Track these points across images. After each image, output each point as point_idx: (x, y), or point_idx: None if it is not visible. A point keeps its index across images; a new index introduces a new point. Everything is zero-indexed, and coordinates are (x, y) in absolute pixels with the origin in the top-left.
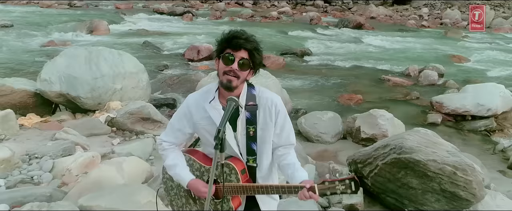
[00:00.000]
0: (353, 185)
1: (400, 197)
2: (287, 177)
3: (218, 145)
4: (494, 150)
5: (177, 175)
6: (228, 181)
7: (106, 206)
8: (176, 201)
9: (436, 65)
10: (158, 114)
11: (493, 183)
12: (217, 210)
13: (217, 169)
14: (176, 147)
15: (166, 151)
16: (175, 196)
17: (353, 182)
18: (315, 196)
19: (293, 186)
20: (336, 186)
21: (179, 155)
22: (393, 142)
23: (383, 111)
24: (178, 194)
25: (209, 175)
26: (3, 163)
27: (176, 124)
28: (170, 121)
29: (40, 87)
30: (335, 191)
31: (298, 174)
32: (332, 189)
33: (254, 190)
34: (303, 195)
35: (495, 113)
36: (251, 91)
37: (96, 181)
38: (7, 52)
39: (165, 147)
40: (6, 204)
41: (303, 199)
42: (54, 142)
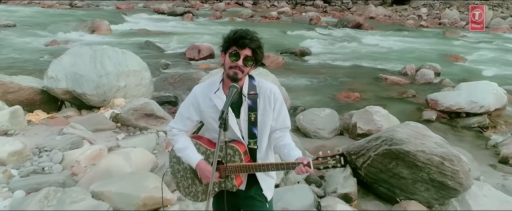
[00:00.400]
0: (342, 160)
1: (391, 187)
2: (284, 156)
3: (222, 124)
4: (486, 146)
5: (187, 156)
6: (232, 161)
7: (117, 191)
8: (183, 182)
9: (432, 64)
10: (161, 111)
11: (483, 176)
12: (222, 188)
13: (222, 151)
14: (185, 133)
15: (175, 136)
16: (181, 178)
17: (342, 157)
18: (310, 170)
19: (291, 163)
20: (328, 161)
21: (188, 140)
22: (385, 134)
23: (378, 107)
24: (184, 176)
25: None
26: (15, 155)
27: (185, 113)
28: (179, 109)
29: (47, 84)
30: (327, 165)
31: (294, 153)
32: (325, 164)
33: (256, 168)
34: (300, 170)
35: (487, 110)
36: (252, 82)
37: (106, 169)
38: (11, 51)
39: (175, 133)
40: (23, 190)
41: (300, 173)
42: (62, 136)
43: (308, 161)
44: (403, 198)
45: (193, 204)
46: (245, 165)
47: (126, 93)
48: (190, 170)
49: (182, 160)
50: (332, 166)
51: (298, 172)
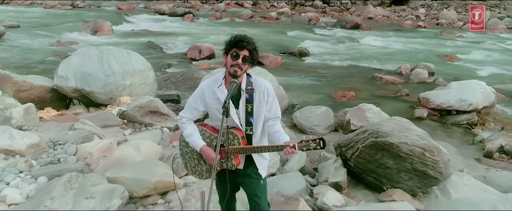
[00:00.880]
0: (321, 143)
1: (378, 176)
2: (275, 140)
3: (224, 112)
4: (473, 141)
5: (193, 141)
6: (232, 145)
7: (130, 176)
8: (190, 162)
9: (427, 64)
10: (165, 108)
11: (466, 168)
12: (223, 167)
13: (224, 136)
14: (192, 121)
15: (184, 124)
16: (189, 159)
17: (321, 140)
18: (295, 151)
19: (280, 145)
20: (310, 143)
21: (194, 128)
22: (371, 128)
23: (370, 105)
24: (191, 157)
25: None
26: (33, 147)
27: (193, 104)
28: (188, 101)
29: (57, 83)
30: (309, 147)
31: (283, 138)
32: (307, 146)
33: (252, 150)
34: (287, 151)
35: (476, 108)
36: (249, 79)
37: (118, 159)
38: (18, 52)
39: (184, 121)
40: (45, 176)
41: (287, 154)
42: (74, 131)
43: (294, 144)
44: (389, 186)
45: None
46: (242, 147)
47: (132, 91)
48: (196, 152)
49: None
50: (313, 148)
51: (286, 152)
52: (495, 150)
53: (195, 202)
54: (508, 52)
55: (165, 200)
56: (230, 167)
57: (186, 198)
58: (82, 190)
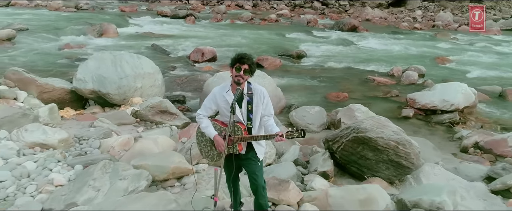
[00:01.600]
0: (302, 133)
1: (360, 167)
2: (268, 131)
3: (232, 110)
4: (453, 138)
5: (208, 132)
6: (237, 135)
7: (152, 163)
8: (204, 148)
9: (418, 66)
10: (173, 108)
11: (442, 161)
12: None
13: (231, 128)
14: (206, 117)
15: (202, 119)
16: (204, 146)
17: (302, 131)
18: (283, 138)
19: (272, 135)
20: (293, 133)
21: (208, 122)
22: (354, 125)
23: (359, 105)
24: (206, 144)
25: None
26: (63, 142)
27: (207, 104)
28: (204, 102)
29: (76, 85)
30: (293, 136)
31: (274, 129)
32: (291, 135)
33: (252, 139)
34: (277, 139)
35: (457, 108)
36: (249, 86)
37: (140, 150)
38: (29, 55)
39: (201, 117)
40: (80, 164)
41: (278, 141)
42: (95, 128)
43: (282, 133)
44: (369, 175)
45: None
46: (245, 136)
47: (142, 92)
48: (209, 141)
49: (205, 134)
50: (296, 136)
51: (276, 140)
52: (470, 146)
53: (205, 185)
54: (499, 54)
55: (181, 183)
56: (235, 152)
57: (198, 181)
58: (115, 174)
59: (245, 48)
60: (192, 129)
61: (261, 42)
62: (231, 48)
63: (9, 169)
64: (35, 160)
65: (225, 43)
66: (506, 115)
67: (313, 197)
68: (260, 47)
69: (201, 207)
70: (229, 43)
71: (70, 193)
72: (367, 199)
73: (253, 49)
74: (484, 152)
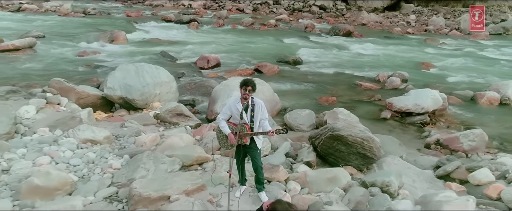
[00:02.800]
0: (285, 130)
1: (336, 158)
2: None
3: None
4: (420, 137)
5: (224, 130)
6: (243, 131)
7: (181, 153)
8: (222, 141)
9: (402, 72)
10: (187, 111)
11: (405, 155)
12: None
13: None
14: (224, 120)
15: (221, 121)
16: (221, 139)
17: (286, 129)
18: (273, 134)
19: (266, 131)
20: (280, 130)
21: (225, 123)
22: (330, 125)
23: (342, 109)
24: (223, 138)
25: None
26: (106, 139)
27: (225, 111)
28: (222, 110)
29: (106, 92)
30: (279, 132)
31: (268, 128)
32: (278, 131)
33: (253, 134)
34: (269, 134)
35: (427, 111)
36: (252, 99)
37: (170, 144)
38: (51, 62)
39: (221, 119)
40: (127, 155)
41: (270, 136)
42: (127, 128)
43: (273, 130)
44: (343, 164)
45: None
46: (249, 133)
47: (160, 98)
48: (225, 136)
49: (222, 131)
50: (281, 132)
51: (269, 135)
52: (432, 143)
53: (219, 169)
54: (481, 60)
55: (202, 167)
56: (242, 143)
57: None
58: (157, 160)
59: (246, 54)
60: (204, 129)
61: (261, 48)
62: (234, 54)
63: (79, 157)
64: (94, 151)
65: (228, 49)
66: (472, 116)
67: (296, 176)
68: (260, 54)
69: (218, 182)
70: (231, 49)
71: (128, 172)
72: (332, 178)
73: (253, 56)
74: (443, 147)
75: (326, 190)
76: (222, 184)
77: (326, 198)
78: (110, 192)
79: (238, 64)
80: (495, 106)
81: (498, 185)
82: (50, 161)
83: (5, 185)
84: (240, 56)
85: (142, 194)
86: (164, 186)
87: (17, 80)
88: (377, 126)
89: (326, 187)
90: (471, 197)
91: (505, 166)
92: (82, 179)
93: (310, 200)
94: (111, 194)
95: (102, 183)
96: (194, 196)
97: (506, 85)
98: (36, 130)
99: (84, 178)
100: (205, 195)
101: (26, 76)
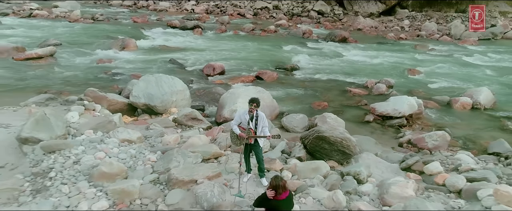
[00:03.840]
0: (279, 136)
1: (321, 154)
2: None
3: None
4: (396, 137)
5: (236, 132)
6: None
7: (201, 150)
8: (234, 139)
9: (388, 79)
10: (200, 115)
11: (381, 152)
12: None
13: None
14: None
15: (233, 126)
16: (233, 138)
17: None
18: (270, 138)
19: (266, 136)
20: (275, 136)
21: (237, 127)
22: (316, 128)
23: (330, 113)
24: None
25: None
26: (139, 139)
27: (237, 119)
28: (235, 117)
29: (132, 100)
30: (274, 137)
31: (267, 133)
32: (274, 136)
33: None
34: (267, 138)
35: (404, 115)
36: (257, 112)
37: (191, 143)
38: (73, 70)
39: (234, 124)
40: (159, 151)
41: (268, 139)
42: (152, 130)
43: (270, 135)
44: (327, 159)
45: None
46: (253, 136)
47: (177, 104)
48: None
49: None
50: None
51: (267, 138)
52: (405, 142)
53: (230, 162)
54: (465, 66)
55: (217, 161)
56: (248, 142)
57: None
58: (184, 155)
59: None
60: (215, 131)
61: (261, 55)
62: (236, 61)
63: (124, 153)
64: (133, 148)
65: (231, 56)
66: (446, 119)
67: (288, 167)
68: (261, 60)
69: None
70: (234, 56)
71: (164, 163)
72: (316, 168)
73: (254, 62)
74: (413, 146)
75: (310, 177)
76: (233, 172)
77: (310, 182)
78: (153, 177)
79: (241, 71)
80: (468, 110)
81: (444, 174)
82: (104, 156)
83: (79, 172)
84: (242, 63)
85: (178, 178)
86: (192, 173)
87: (46, 87)
88: (361, 128)
89: (311, 175)
90: (411, 180)
91: (459, 161)
92: (130, 169)
93: (299, 183)
94: (154, 179)
95: (146, 171)
96: (213, 181)
97: (478, 91)
98: (83, 132)
99: (131, 168)
100: (221, 180)
101: (54, 83)
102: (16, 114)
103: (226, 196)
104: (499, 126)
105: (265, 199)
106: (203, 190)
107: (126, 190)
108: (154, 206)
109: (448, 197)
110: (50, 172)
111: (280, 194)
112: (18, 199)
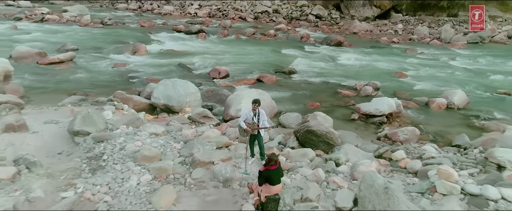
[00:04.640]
0: (278, 126)
1: (310, 144)
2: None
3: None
4: (376, 132)
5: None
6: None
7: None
8: (241, 132)
9: (375, 81)
10: (210, 114)
11: (361, 144)
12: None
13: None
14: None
15: (241, 122)
16: (241, 131)
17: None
18: (270, 128)
19: (266, 127)
20: (274, 126)
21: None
22: (306, 124)
23: (320, 112)
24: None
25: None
26: (163, 133)
27: (243, 116)
28: (241, 115)
29: (153, 101)
30: (274, 127)
31: (267, 125)
32: (273, 127)
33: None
34: (268, 129)
35: (384, 113)
36: (258, 110)
37: (207, 136)
38: (92, 73)
39: (241, 121)
40: (182, 141)
41: (268, 130)
42: (172, 126)
43: (270, 126)
44: (315, 148)
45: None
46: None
47: (190, 104)
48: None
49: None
50: (274, 127)
51: (268, 129)
52: (382, 136)
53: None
54: (450, 69)
55: (228, 148)
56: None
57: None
58: (203, 144)
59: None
60: (223, 127)
61: (262, 59)
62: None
63: (156, 142)
64: (161, 139)
65: (234, 60)
66: (422, 117)
67: (283, 153)
68: (261, 64)
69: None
70: (236, 59)
71: (187, 150)
72: (304, 154)
73: (256, 66)
74: (388, 139)
75: (300, 160)
76: (240, 157)
77: (299, 164)
78: (181, 160)
79: (244, 74)
80: (442, 110)
81: (407, 160)
82: (141, 144)
83: (125, 156)
84: (244, 66)
85: (200, 160)
86: (210, 156)
87: (73, 89)
88: (347, 125)
89: (300, 159)
90: (375, 161)
91: (425, 151)
92: (161, 154)
93: (291, 165)
94: (181, 161)
95: (174, 155)
96: (226, 162)
97: (453, 93)
98: (118, 127)
99: (162, 153)
100: (231, 162)
101: (78, 85)
102: (58, 113)
103: (235, 173)
104: (467, 124)
105: (261, 173)
106: (219, 169)
107: (163, 167)
108: (183, 179)
109: (407, 177)
110: (103, 156)
111: (272, 165)
112: (80, 176)
